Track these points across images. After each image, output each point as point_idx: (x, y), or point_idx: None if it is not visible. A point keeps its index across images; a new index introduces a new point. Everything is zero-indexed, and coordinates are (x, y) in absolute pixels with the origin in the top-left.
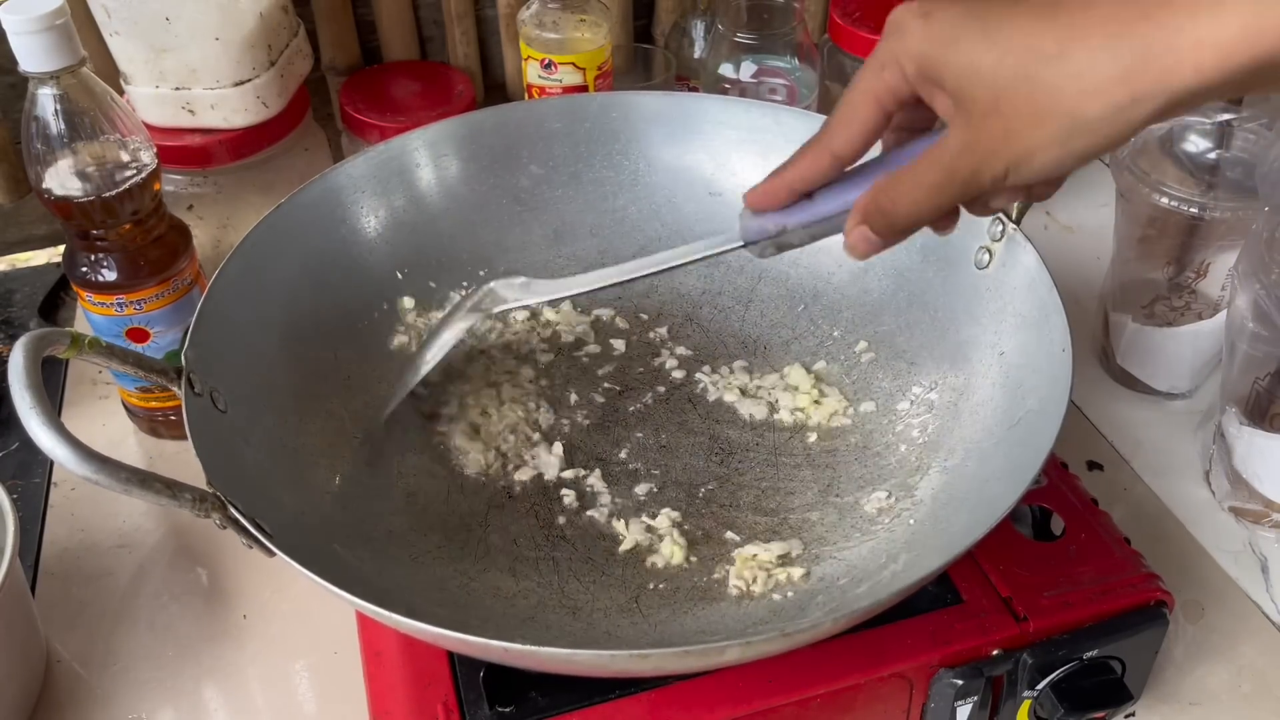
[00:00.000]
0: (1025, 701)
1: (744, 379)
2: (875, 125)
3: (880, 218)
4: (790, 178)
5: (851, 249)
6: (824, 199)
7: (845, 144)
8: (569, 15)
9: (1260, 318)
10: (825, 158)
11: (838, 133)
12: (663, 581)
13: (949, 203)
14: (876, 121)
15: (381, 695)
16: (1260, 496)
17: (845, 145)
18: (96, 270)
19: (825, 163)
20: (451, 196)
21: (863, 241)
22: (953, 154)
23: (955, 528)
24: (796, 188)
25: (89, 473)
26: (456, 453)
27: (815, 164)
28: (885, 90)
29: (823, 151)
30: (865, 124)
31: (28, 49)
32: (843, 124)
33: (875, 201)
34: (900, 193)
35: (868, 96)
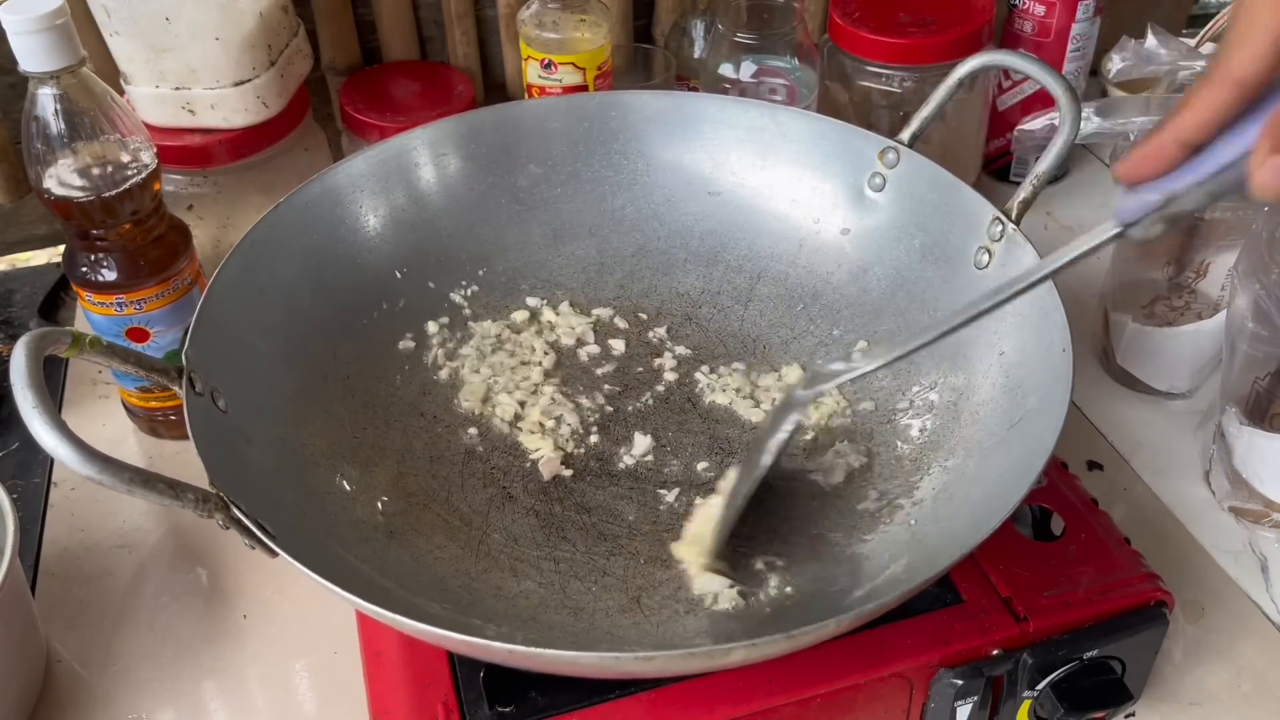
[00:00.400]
0: (1025, 701)
1: (743, 379)
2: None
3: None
4: (1181, 128)
5: (1262, 188)
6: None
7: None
8: (569, 15)
9: (1260, 318)
10: (1225, 89)
11: (1236, 53)
12: (664, 582)
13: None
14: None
15: (381, 695)
16: (1260, 496)
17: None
18: (96, 270)
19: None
20: (451, 196)
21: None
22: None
23: (957, 528)
24: (1190, 138)
25: (92, 473)
26: (457, 453)
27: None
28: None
29: (1220, 82)
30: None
31: (28, 49)
32: (1241, 42)
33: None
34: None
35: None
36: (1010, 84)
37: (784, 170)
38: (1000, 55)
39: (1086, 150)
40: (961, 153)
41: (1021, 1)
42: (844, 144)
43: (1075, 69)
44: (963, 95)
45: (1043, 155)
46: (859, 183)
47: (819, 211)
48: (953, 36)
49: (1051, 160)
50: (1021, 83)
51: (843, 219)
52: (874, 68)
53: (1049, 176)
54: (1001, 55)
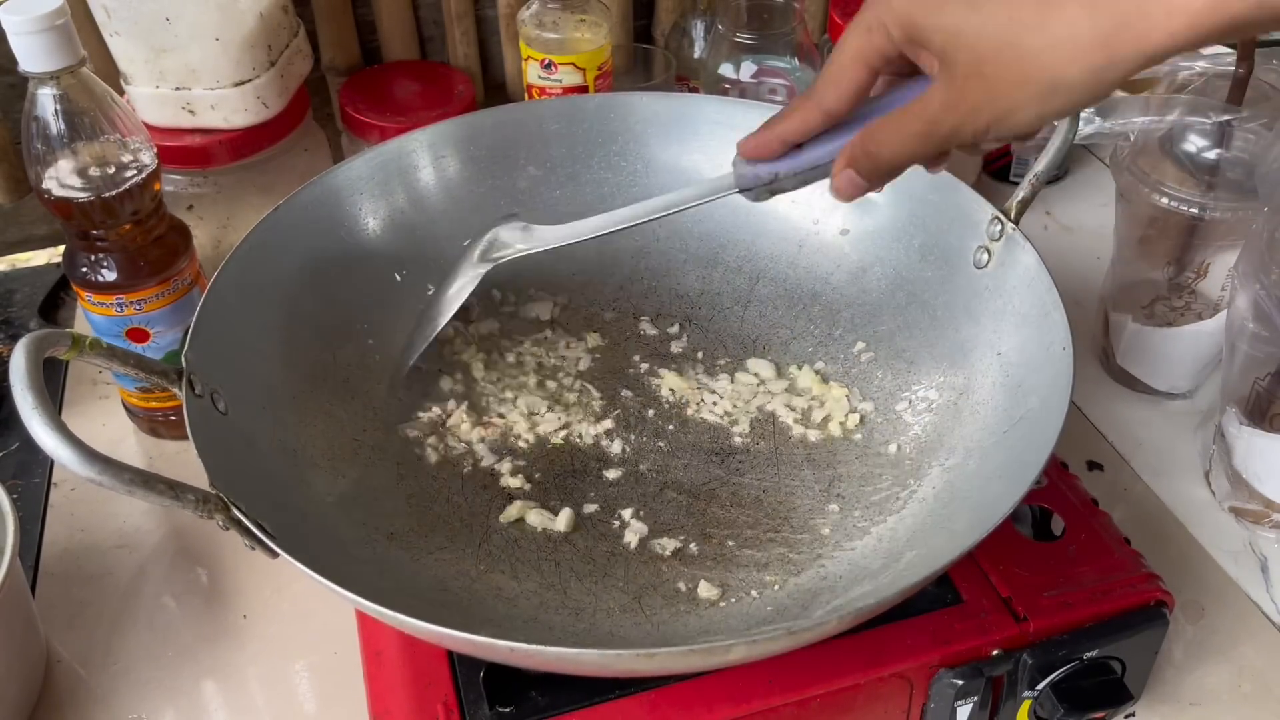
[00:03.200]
0: (1025, 702)
1: (743, 379)
2: (863, 84)
3: (866, 161)
4: (782, 130)
5: (837, 191)
6: (813, 147)
7: (835, 101)
8: (569, 15)
9: (1260, 318)
10: (816, 114)
11: (828, 91)
12: (665, 581)
13: (931, 152)
14: (864, 80)
15: (381, 695)
16: (1260, 496)
17: (835, 103)
18: (96, 270)
19: (816, 118)
20: (451, 198)
21: (848, 184)
22: (936, 109)
23: (957, 527)
24: (788, 139)
25: (92, 474)
26: (457, 454)
27: (806, 119)
28: (873, 51)
29: (814, 108)
30: (854, 83)
31: (28, 49)
32: (832, 83)
33: (862, 146)
34: (885, 139)
35: (856, 58)
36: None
37: None
38: None
39: (1086, 150)
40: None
41: None
42: None
43: None
44: None
45: (1042, 155)
46: None
47: (818, 212)
48: None
49: (1050, 160)
50: None
51: (842, 219)
52: None
53: (1048, 176)
54: None
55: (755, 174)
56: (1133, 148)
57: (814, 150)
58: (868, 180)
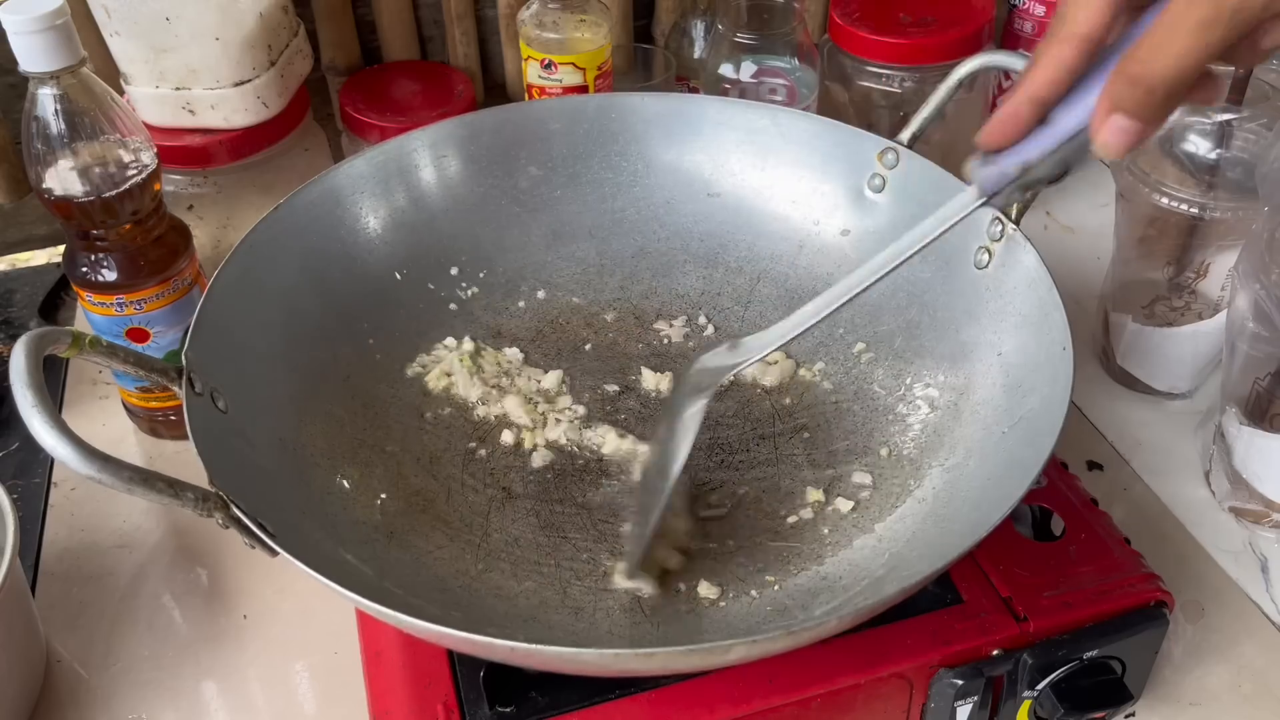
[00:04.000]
0: (1025, 702)
1: (743, 379)
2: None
3: (1134, 90)
4: (1032, 85)
5: (1104, 147)
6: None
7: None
8: (569, 15)
9: (1260, 318)
10: (1068, 46)
11: (1076, 12)
12: (664, 581)
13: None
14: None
15: (381, 695)
16: (1260, 496)
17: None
18: (96, 270)
19: (1072, 52)
20: (451, 197)
21: (1118, 132)
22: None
23: (957, 527)
24: (1041, 94)
25: (92, 472)
26: (457, 453)
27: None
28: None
29: (1065, 40)
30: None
31: (28, 49)
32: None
33: (1125, 73)
34: (1156, 49)
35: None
36: (1010, 84)
37: (784, 171)
38: (1000, 55)
39: None
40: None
41: (1022, 1)
42: (843, 145)
43: None
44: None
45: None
46: (859, 183)
47: (819, 213)
48: (953, 36)
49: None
50: None
51: (842, 220)
52: (874, 68)
53: None
54: (1001, 55)
55: (1001, 172)
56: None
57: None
58: (1142, 118)
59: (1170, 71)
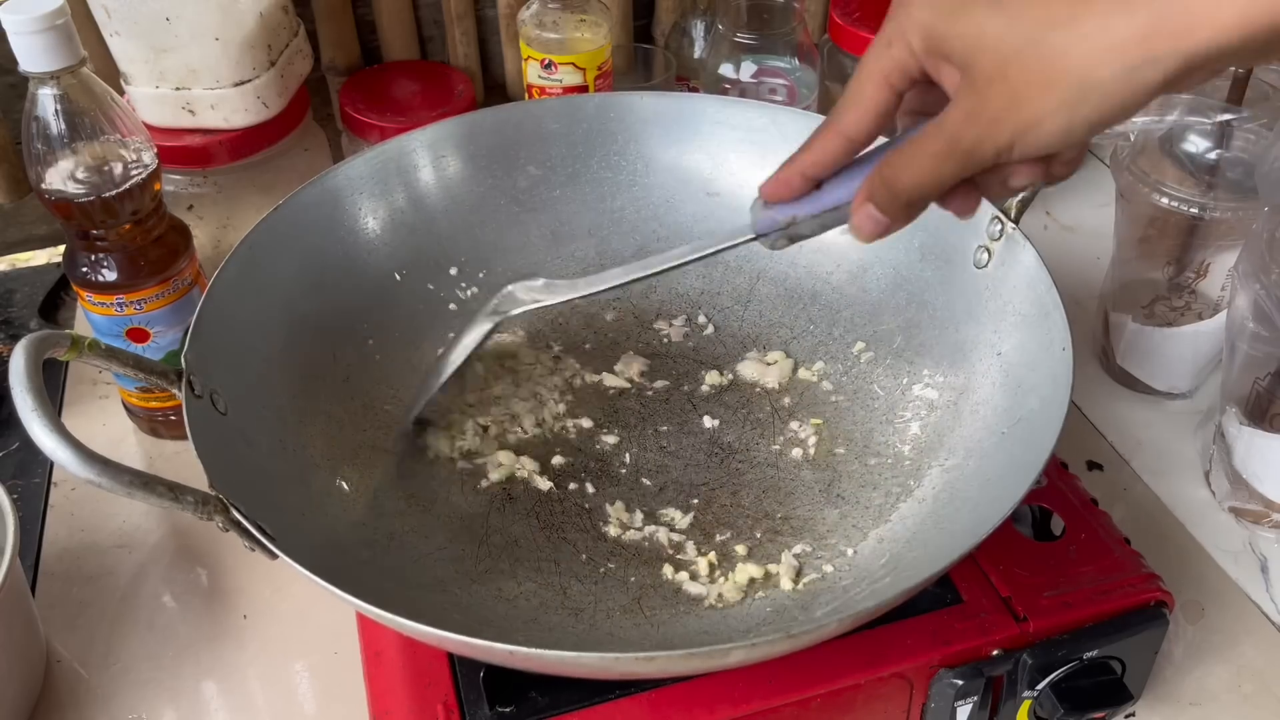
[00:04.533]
0: (1025, 702)
1: (743, 380)
2: (885, 105)
3: (884, 191)
4: (803, 163)
5: (857, 230)
6: (832, 188)
7: (855, 125)
8: (569, 15)
9: (1260, 318)
10: (837, 140)
11: (848, 114)
12: (664, 582)
13: (952, 174)
14: (886, 101)
15: (381, 695)
16: (1260, 496)
17: (855, 126)
18: (96, 270)
19: (837, 145)
20: (450, 197)
21: (868, 221)
22: (956, 122)
23: (957, 528)
24: (809, 173)
25: (92, 475)
26: (457, 454)
27: (826, 147)
28: (893, 67)
29: (833, 134)
30: (875, 103)
31: (28, 49)
32: (852, 105)
33: (880, 175)
34: (902, 164)
35: (875, 75)
36: None
37: None
38: None
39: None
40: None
41: None
42: None
43: None
44: None
45: None
46: None
47: None
48: None
49: None
50: None
51: None
52: None
53: None
54: None
55: (772, 218)
56: (1133, 148)
57: (834, 190)
58: (888, 215)
59: (910, 187)
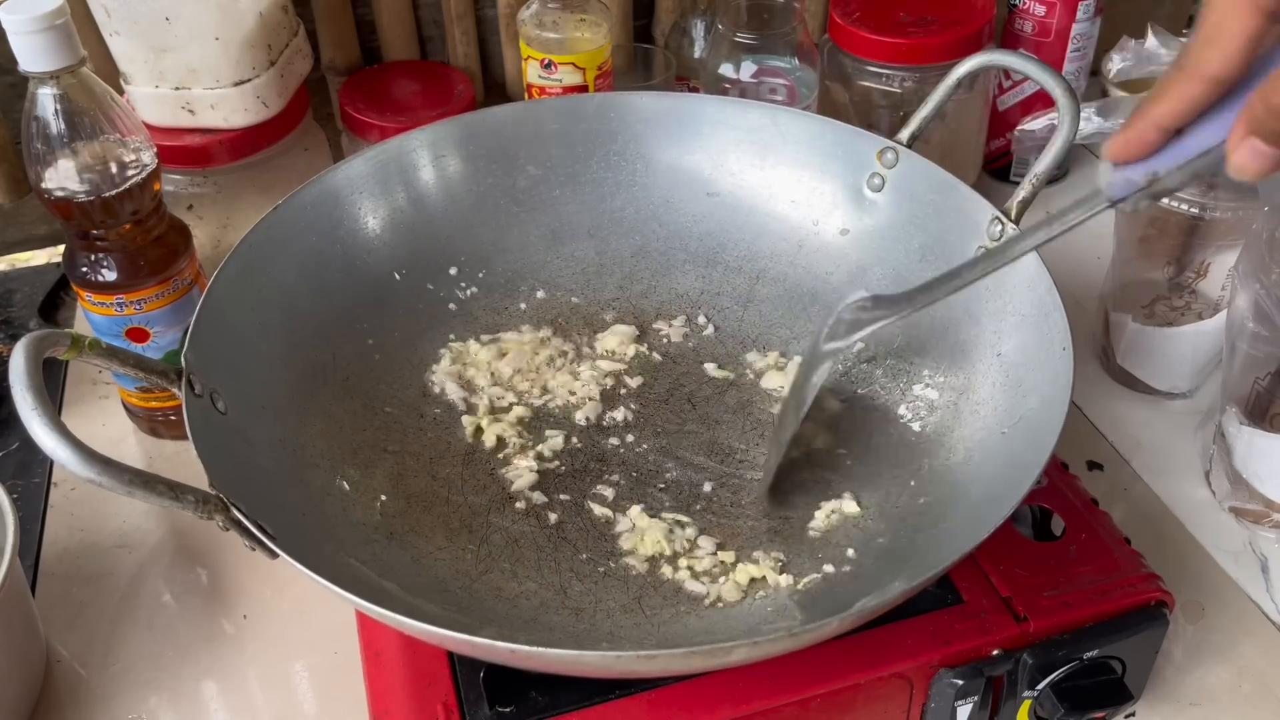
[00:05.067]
0: (1025, 701)
1: (743, 380)
2: (1255, 33)
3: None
4: (1157, 115)
5: (1238, 169)
6: (1198, 131)
7: (1221, 63)
8: (569, 15)
9: (1260, 318)
10: (1199, 85)
11: (1208, 53)
12: (665, 582)
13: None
14: (1256, 28)
15: (381, 695)
16: (1260, 496)
17: (1221, 64)
18: (96, 270)
19: (1200, 90)
20: (450, 197)
21: (1254, 155)
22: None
23: (957, 528)
24: (1167, 124)
25: (92, 475)
26: (457, 454)
27: (1186, 93)
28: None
29: (1194, 78)
30: (1243, 34)
31: (28, 49)
32: (1212, 41)
33: (1268, 100)
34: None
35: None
36: (1010, 84)
37: (783, 171)
38: (999, 55)
39: (1086, 150)
40: (961, 153)
41: (1021, 1)
42: (843, 144)
43: (1075, 69)
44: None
45: (1042, 155)
46: (858, 183)
47: (818, 212)
48: (953, 36)
49: (1051, 160)
50: (1021, 83)
51: (842, 219)
52: (874, 68)
53: (1048, 176)
54: (1001, 55)
55: (1128, 179)
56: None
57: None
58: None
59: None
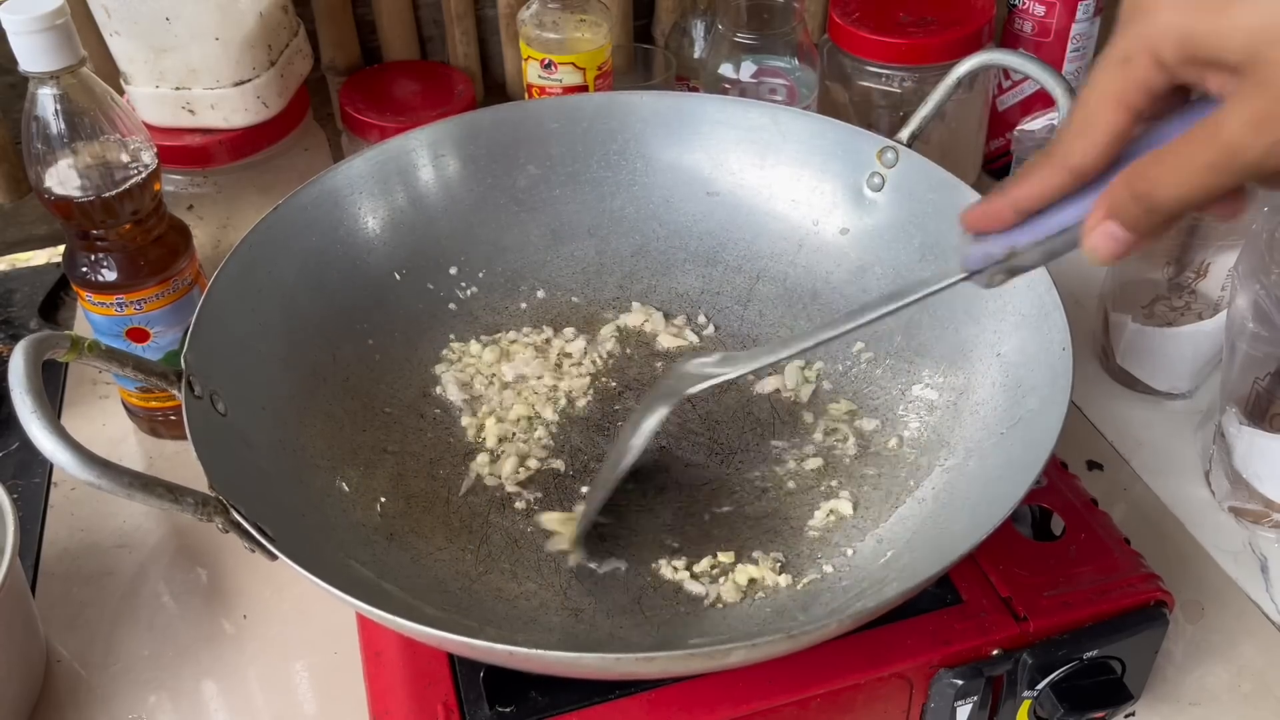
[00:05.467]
0: (1025, 701)
1: (743, 380)
2: (1121, 131)
3: (1134, 206)
4: (1017, 196)
5: (1092, 252)
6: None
7: (1085, 157)
8: (569, 15)
9: (1260, 318)
10: (1060, 174)
11: (1075, 145)
12: (665, 582)
13: (1226, 185)
14: (1122, 126)
15: (381, 695)
16: (1260, 496)
17: (1085, 158)
18: (96, 270)
19: (1060, 180)
20: (450, 197)
21: (1109, 239)
22: (1236, 130)
23: (957, 528)
24: (1025, 207)
25: (91, 477)
26: (457, 454)
27: (1048, 181)
28: (1134, 87)
29: (1057, 167)
30: (1110, 131)
31: (28, 49)
32: (1080, 134)
33: (1128, 188)
34: (1163, 174)
35: (1110, 98)
36: (1010, 84)
37: (783, 170)
38: (999, 55)
39: None
40: (961, 152)
41: (1021, 1)
42: (843, 144)
43: (1075, 69)
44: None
45: None
46: (858, 182)
47: (818, 212)
48: (953, 36)
49: None
50: (1021, 83)
51: (842, 219)
52: (874, 68)
53: None
54: (1001, 55)
55: (987, 253)
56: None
57: (1061, 212)
58: (1135, 232)
59: (1172, 200)
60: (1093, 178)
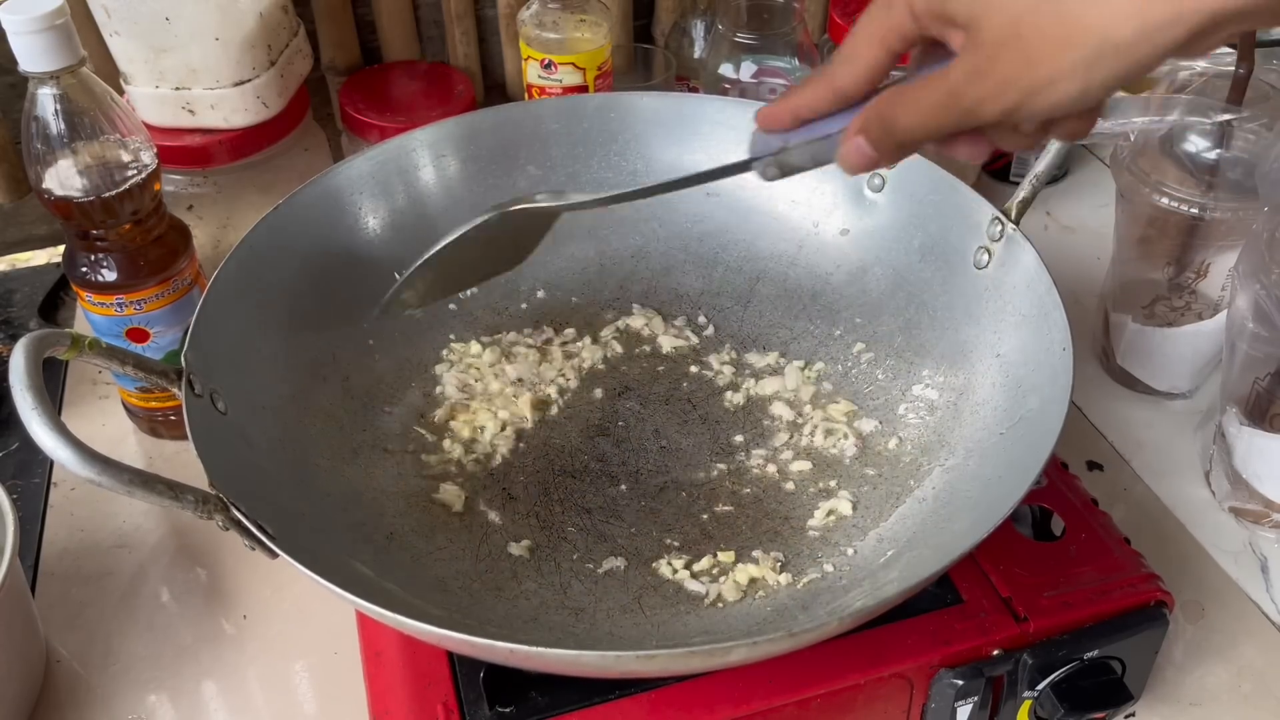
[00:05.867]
0: (1025, 702)
1: (743, 380)
2: (879, 65)
3: (879, 127)
4: (795, 104)
5: (844, 159)
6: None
7: (847, 81)
8: (569, 15)
9: (1260, 318)
10: (828, 93)
11: (840, 70)
12: (665, 582)
13: (950, 127)
14: (880, 62)
15: (381, 695)
16: (1260, 496)
17: (847, 82)
18: (96, 270)
19: (827, 97)
20: (450, 197)
21: (856, 153)
22: (958, 79)
23: (957, 528)
24: (799, 115)
25: (92, 474)
26: (456, 454)
27: (819, 96)
28: (890, 30)
29: (825, 85)
30: (868, 64)
31: (28, 49)
32: (845, 61)
33: (877, 111)
34: (903, 107)
35: (872, 37)
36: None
37: None
38: None
39: (1086, 150)
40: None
41: None
42: None
43: None
44: None
45: (1042, 155)
46: (858, 183)
47: (818, 212)
48: None
49: (1050, 160)
50: None
51: (842, 219)
52: None
53: (1048, 176)
54: None
55: (766, 143)
56: (1133, 148)
57: (829, 123)
58: (878, 151)
59: (905, 129)
60: (855, 100)
